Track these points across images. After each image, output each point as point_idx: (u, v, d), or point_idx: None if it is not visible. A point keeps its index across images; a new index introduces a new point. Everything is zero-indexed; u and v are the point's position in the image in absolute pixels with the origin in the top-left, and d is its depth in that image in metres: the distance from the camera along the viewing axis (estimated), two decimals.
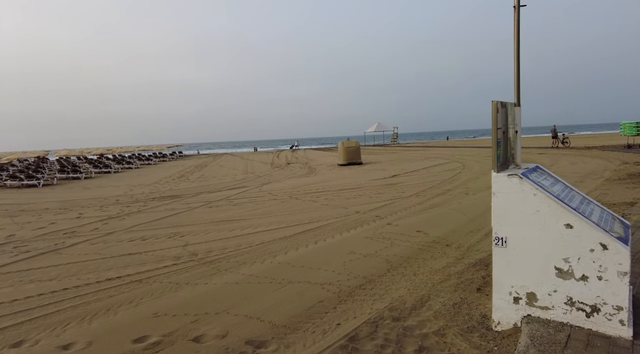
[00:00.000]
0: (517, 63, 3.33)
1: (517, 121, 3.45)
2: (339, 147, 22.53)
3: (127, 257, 6.01)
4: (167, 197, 12.83)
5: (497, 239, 3.12)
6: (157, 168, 28.42)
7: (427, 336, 3.25)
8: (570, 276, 2.85)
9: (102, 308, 4.16)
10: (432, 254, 5.44)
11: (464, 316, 3.52)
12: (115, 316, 3.97)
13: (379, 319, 3.60)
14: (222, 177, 19.36)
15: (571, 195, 3.17)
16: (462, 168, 16.64)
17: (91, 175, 23.92)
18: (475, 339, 3.11)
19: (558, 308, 2.93)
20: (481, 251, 5.39)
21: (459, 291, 4.07)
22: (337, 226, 7.36)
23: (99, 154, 34.43)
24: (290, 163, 26.53)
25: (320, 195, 11.43)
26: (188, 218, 8.95)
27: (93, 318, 3.94)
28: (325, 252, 5.76)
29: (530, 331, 2.91)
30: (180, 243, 6.69)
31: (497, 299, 3.19)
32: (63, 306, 4.27)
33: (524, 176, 3.01)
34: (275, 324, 3.62)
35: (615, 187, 9.46)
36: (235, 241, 6.70)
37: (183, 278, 4.94)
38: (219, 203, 10.97)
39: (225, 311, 3.96)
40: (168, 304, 4.19)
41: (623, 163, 14.48)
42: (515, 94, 3.42)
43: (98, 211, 10.58)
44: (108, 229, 8.18)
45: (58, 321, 3.90)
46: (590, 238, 2.75)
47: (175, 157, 42.35)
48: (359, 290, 4.32)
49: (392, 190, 11.63)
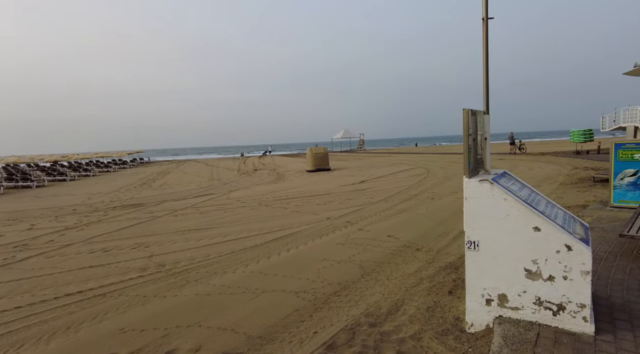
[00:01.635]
0: (486, 73, 3.47)
1: (486, 128, 3.59)
2: (308, 153, 22.56)
3: (88, 270, 5.67)
4: (129, 205, 12.28)
5: (469, 243, 3.21)
6: (117, 175, 27.19)
7: (404, 340, 3.28)
8: (538, 277, 2.98)
9: (61, 327, 3.88)
10: (403, 258, 5.52)
11: (438, 319, 3.58)
12: (76, 334, 3.71)
13: (356, 325, 3.59)
14: (187, 184, 18.81)
15: (537, 199, 3.32)
16: (427, 174, 17.13)
17: (44, 183, 22.49)
18: (451, 342, 3.17)
19: (527, 308, 3.05)
20: (450, 255, 5.54)
21: (431, 295, 4.15)
22: (309, 233, 7.33)
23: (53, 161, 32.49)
24: (257, 169, 26.23)
25: (290, 201, 11.36)
26: (152, 227, 8.60)
27: (51, 337, 3.67)
28: (299, 260, 5.71)
29: (503, 331, 3.00)
30: (145, 254, 6.40)
31: (470, 301, 3.27)
32: (15, 326, 3.94)
33: (494, 181, 3.12)
34: (250, 336, 3.52)
35: (569, 190, 10.07)
36: (204, 250, 6.50)
37: (150, 290, 4.72)
38: (185, 211, 10.63)
39: (197, 323, 3.81)
40: (136, 318, 3.97)
41: (574, 168, 15.47)
42: (484, 103, 3.56)
43: (53, 222, 9.93)
44: (65, 240, 7.69)
45: (9, 344, 3.59)
46: (557, 240, 2.89)
47: (136, 164, 40.74)
48: (334, 297, 4.30)
49: (361, 196, 11.76)
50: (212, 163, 38.15)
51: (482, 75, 3.53)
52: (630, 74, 19.17)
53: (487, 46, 3.40)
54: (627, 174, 7.15)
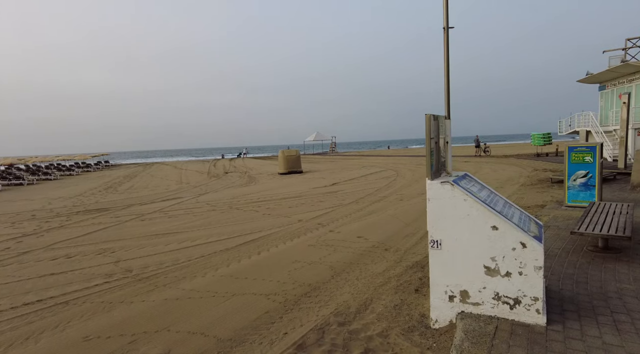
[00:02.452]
0: (447, 80, 3.65)
1: (447, 132, 3.76)
2: (280, 155, 22.52)
3: (49, 277, 5.44)
4: (94, 210, 11.84)
5: (433, 242, 3.35)
6: (81, 179, 26.09)
7: (372, 338, 3.38)
8: (496, 273, 3.15)
9: (19, 337, 3.72)
10: (372, 258, 5.65)
11: (404, 316, 3.71)
12: (36, 344, 3.57)
13: (325, 325, 3.66)
14: (154, 188, 18.33)
15: (495, 200, 3.52)
16: (396, 176, 17.51)
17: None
18: (416, 338, 3.29)
19: (487, 303, 3.22)
20: (417, 254, 5.72)
21: (399, 293, 4.28)
22: (281, 236, 7.35)
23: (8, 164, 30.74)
24: (228, 172, 25.90)
25: (261, 204, 11.31)
26: (119, 233, 8.34)
27: (8, 349, 3.51)
28: (269, 263, 5.72)
29: (464, 326, 3.16)
30: (111, 260, 6.21)
31: (434, 298, 3.41)
32: None
33: (455, 183, 3.28)
34: (220, 339, 3.52)
35: (529, 191, 10.60)
36: (173, 255, 6.39)
37: (117, 297, 4.60)
38: (152, 216, 10.37)
39: (165, 328, 3.76)
40: (101, 325, 3.87)
41: (534, 170, 16.27)
42: (445, 108, 3.74)
43: (9, 228, 9.43)
44: (23, 247, 7.33)
45: None
46: (512, 238, 3.08)
47: (101, 167, 39.22)
48: (305, 298, 4.35)
49: (332, 198, 11.88)
50: (182, 166, 37.30)
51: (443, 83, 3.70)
52: (583, 81, 20.40)
53: (447, 54, 3.58)
54: (579, 175, 7.63)
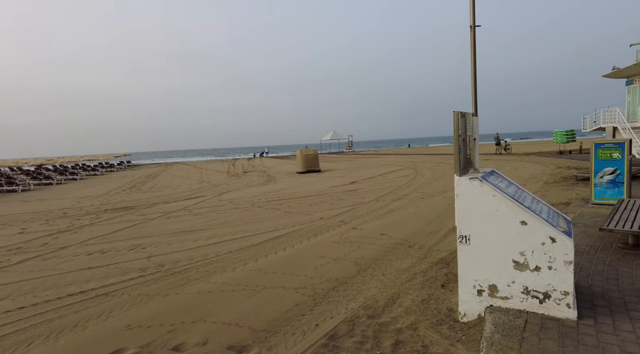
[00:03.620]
0: (474, 78, 3.70)
1: (475, 129, 3.82)
2: (298, 155, 22.71)
3: (88, 271, 5.73)
4: (120, 208, 12.25)
5: (461, 237, 3.42)
6: (105, 179, 26.90)
7: (401, 330, 3.47)
8: (525, 267, 3.21)
9: (67, 325, 3.97)
10: (397, 255, 5.73)
11: (432, 310, 3.79)
12: (84, 331, 3.81)
13: (355, 317, 3.78)
14: (176, 187, 18.77)
15: (523, 196, 3.56)
16: (416, 174, 17.46)
17: (29, 187, 22.13)
18: (445, 331, 3.37)
19: (516, 297, 3.27)
20: (441, 251, 5.77)
21: (425, 288, 4.36)
22: (304, 233, 7.49)
23: (38, 164, 31.92)
24: (247, 172, 26.26)
25: (282, 203, 11.50)
26: (147, 229, 8.65)
27: (59, 335, 3.76)
28: (295, 258, 5.87)
29: (494, 319, 3.22)
30: (143, 255, 6.48)
31: (462, 292, 3.48)
32: (22, 325, 4.02)
33: (484, 179, 3.34)
34: (254, 329, 3.68)
35: (553, 189, 10.46)
36: (202, 250, 6.61)
37: (153, 289, 4.82)
38: (178, 213, 10.68)
39: (201, 319, 3.94)
40: (141, 315, 4.08)
41: (557, 167, 15.98)
42: (472, 105, 3.79)
43: (44, 225, 9.88)
44: (60, 243, 7.69)
45: (19, 342, 3.67)
46: (542, 233, 3.12)
47: (124, 167, 40.28)
48: (333, 292, 4.48)
49: (352, 196, 11.97)
50: (201, 165, 37.98)
51: (470, 80, 3.76)
52: (608, 76, 19.87)
53: (474, 52, 3.64)
54: (607, 172, 7.51)
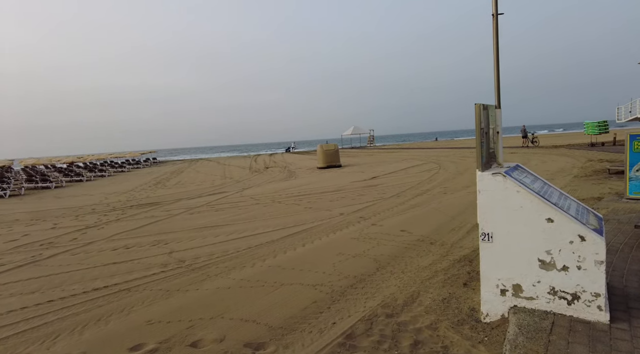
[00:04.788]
0: (496, 68, 3.53)
1: (498, 122, 3.66)
2: (318, 150, 22.68)
3: (112, 266, 5.89)
4: (146, 204, 12.57)
5: (484, 235, 3.29)
6: (132, 175, 27.70)
7: (421, 330, 3.38)
8: (552, 267, 3.05)
9: (92, 318, 4.08)
10: (417, 252, 5.61)
11: (453, 310, 3.67)
12: (107, 325, 3.91)
13: (373, 316, 3.71)
14: (200, 183, 19.11)
15: (550, 191, 3.38)
16: (439, 169, 17.10)
17: (62, 184, 23.06)
18: (466, 331, 3.26)
19: (542, 297, 3.12)
20: (464, 248, 5.61)
21: (446, 287, 4.24)
22: (323, 228, 7.46)
23: (69, 162, 33.22)
24: (268, 167, 26.45)
25: (302, 198, 11.50)
26: (170, 225, 8.82)
27: (84, 328, 3.87)
28: (314, 254, 5.84)
29: (518, 320, 3.09)
30: (165, 250, 6.61)
31: (485, 292, 3.36)
32: (50, 318, 4.16)
33: (507, 174, 3.19)
34: (271, 326, 3.67)
35: (583, 183, 10.00)
36: (222, 246, 6.68)
37: (173, 285, 4.90)
38: (200, 209, 10.85)
39: (219, 315, 3.97)
40: (161, 311, 4.15)
41: (588, 160, 15.29)
42: (495, 97, 3.63)
43: (74, 221, 10.25)
44: (87, 238, 7.96)
45: (47, 334, 3.81)
46: (570, 231, 2.95)
47: (150, 164, 41.37)
48: (351, 289, 4.42)
49: (373, 191, 11.84)
50: (224, 162, 38.56)
51: (492, 71, 3.59)
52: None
53: (497, 42, 3.46)
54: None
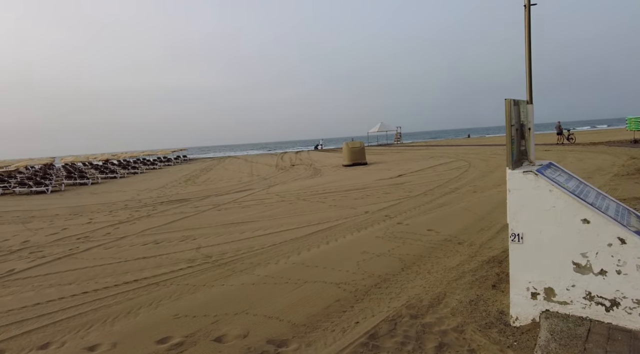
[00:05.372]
0: (528, 61, 3.37)
1: (529, 118, 3.50)
2: (344, 148, 22.59)
3: (142, 260, 6.09)
4: (175, 201, 12.93)
5: (514, 236, 3.16)
6: (163, 172, 28.58)
7: (446, 332, 3.29)
8: (588, 270, 2.89)
9: (122, 311, 4.23)
10: (444, 252, 5.47)
11: (481, 312, 3.56)
12: (136, 318, 4.04)
13: (397, 317, 3.64)
14: (228, 180, 19.46)
15: (586, 190, 3.20)
16: (468, 167, 16.64)
17: (98, 181, 24.09)
18: (494, 335, 3.15)
19: (577, 302, 2.96)
20: (493, 249, 5.42)
21: (474, 288, 4.11)
22: (348, 226, 7.41)
23: (105, 159, 34.63)
24: (294, 165, 26.61)
25: (327, 196, 11.48)
26: (198, 221, 9.03)
27: (115, 320, 4.02)
28: (338, 253, 5.81)
29: (550, 325, 2.94)
30: (193, 246, 6.77)
31: (514, 294, 3.22)
32: (84, 309, 4.35)
33: (539, 172, 3.05)
34: (294, 324, 3.68)
35: (624, 182, 9.45)
36: (248, 242, 6.77)
37: (199, 280, 5.01)
38: (228, 206, 11.04)
39: (244, 311, 4.02)
40: (187, 305, 4.25)
41: (631, 158, 14.44)
42: (527, 92, 3.47)
43: (108, 216, 10.68)
44: (120, 233, 8.27)
45: (81, 324, 3.98)
46: (608, 233, 2.79)
47: (180, 161, 42.53)
48: (375, 289, 4.36)
49: (399, 190, 11.66)
50: (251, 159, 39.12)
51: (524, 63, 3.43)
52: None
53: (529, 34, 3.30)
54: None
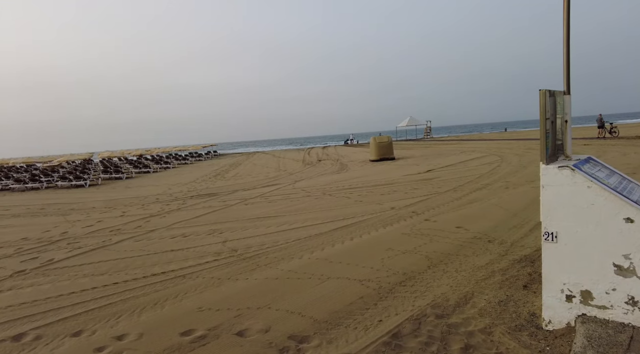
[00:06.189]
0: (566, 48, 3.15)
1: (566, 111, 3.27)
2: (371, 142, 22.33)
3: (170, 253, 6.25)
4: (204, 195, 13.21)
5: (547, 234, 2.97)
6: (194, 167, 29.33)
7: (473, 334, 3.16)
8: (631, 273, 2.68)
9: (149, 302, 4.35)
10: (473, 250, 5.28)
11: (511, 314, 3.39)
12: (162, 309, 4.14)
13: (422, 316, 3.54)
14: (256, 175, 19.70)
15: (630, 187, 2.97)
16: (501, 161, 16.03)
17: (132, 175, 25.03)
18: (525, 338, 2.99)
19: (618, 307, 2.76)
20: (526, 247, 5.18)
21: (504, 289, 3.93)
22: (373, 222, 7.30)
23: (138, 154, 35.93)
24: (321, 160, 26.59)
25: (353, 191, 11.38)
26: (225, 215, 9.18)
27: (142, 311, 4.13)
28: (362, 249, 5.73)
29: (587, 331, 2.76)
30: (219, 239, 6.88)
31: (547, 297, 3.05)
32: (114, 299, 4.50)
33: (576, 167, 2.85)
34: (316, 320, 3.64)
35: None
36: (272, 237, 6.80)
37: (224, 274, 5.07)
38: (255, 200, 11.17)
39: (266, 306, 4.03)
40: (211, 298, 4.31)
41: None
42: (564, 82, 3.25)
43: (140, 210, 11.05)
44: (150, 226, 8.53)
45: (111, 313, 4.12)
46: None
47: (211, 157, 43.47)
48: (399, 287, 4.26)
49: (427, 185, 11.39)
50: (279, 154, 39.45)
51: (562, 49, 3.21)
52: None
53: (568, 20, 3.08)
54: None
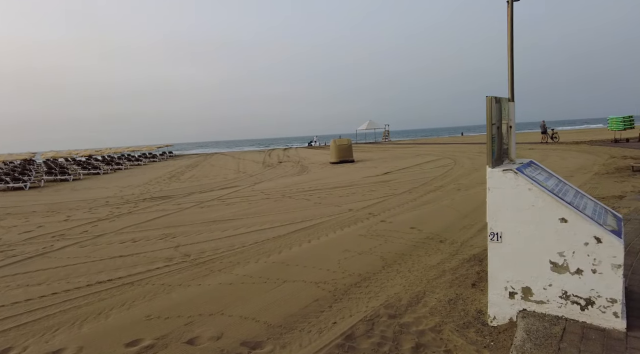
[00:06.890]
0: (510, 59, 3.33)
1: (511, 116, 3.45)
2: (331, 145, 22.51)
3: (118, 259, 5.91)
4: (158, 198, 12.68)
5: (492, 235, 3.11)
6: (148, 169, 28.11)
7: (424, 332, 3.24)
8: (565, 270, 2.86)
9: (93, 312, 4.08)
10: (426, 250, 5.44)
11: (459, 311, 3.52)
12: (106, 319, 3.89)
13: (375, 316, 3.58)
14: (214, 176, 19.21)
15: (565, 189, 3.18)
16: (454, 164, 16.74)
17: (79, 177, 23.55)
18: (472, 335, 3.10)
19: (553, 301, 2.94)
20: (475, 247, 5.41)
21: (454, 287, 4.07)
22: (331, 224, 7.34)
23: (87, 155, 33.90)
24: (282, 162, 26.45)
25: (313, 193, 11.39)
26: (179, 219, 8.85)
27: (83, 322, 3.86)
28: (320, 251, 5.73)
29: (526, 325, 2.91)
30: (172, 244, 6.60)
31: (492, 294, 3.19)
32: (52, 310, 4.18)
33: (519, 170, 3.00)
34: (270, 325, 3.58)
35: (604, 181, 9.59)
36: (228, 241, 6.64)
37: (176, 280, 4.87)
38: (211, 203, 10.87)
39: (219, 312, 3.91)
40: (161, 306, 4.12)
41: (611, 157, 14.70)
42: (509, 90, 3.42)
43: (87, 213, 10.40)
44: (98, 231, 8.04)
45: (47, 327, 3.81)
46: (585, 232, 2.76)
47: (166, 158, 41.92)
48: (355, 288, 4.30)
49: (384, 187, 11.64)
50: (239, 156, 38.77)
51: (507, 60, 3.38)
52: None
53: (511, 30, 3.25)
54: None
